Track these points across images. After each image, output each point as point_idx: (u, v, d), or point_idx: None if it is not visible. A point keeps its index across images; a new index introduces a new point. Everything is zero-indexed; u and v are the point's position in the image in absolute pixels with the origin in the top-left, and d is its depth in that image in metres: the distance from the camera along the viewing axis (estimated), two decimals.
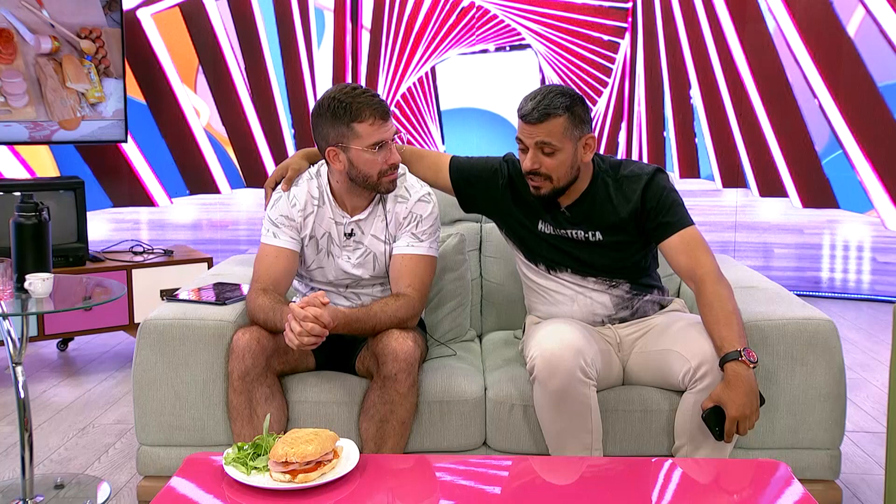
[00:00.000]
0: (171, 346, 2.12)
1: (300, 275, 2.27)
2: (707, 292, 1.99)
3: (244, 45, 4.67)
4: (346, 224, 2.16)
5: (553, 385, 1.92)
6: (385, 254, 2.18)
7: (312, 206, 2.16)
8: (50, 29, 3.74)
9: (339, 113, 2.01)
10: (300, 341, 1.89)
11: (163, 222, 4.76)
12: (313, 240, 2.18)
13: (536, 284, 2.24)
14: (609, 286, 2.18)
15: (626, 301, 2.19)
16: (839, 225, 4.76)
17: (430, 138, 4.91)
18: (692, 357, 1.96)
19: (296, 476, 1.57)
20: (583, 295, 2.18)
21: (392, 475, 1.67)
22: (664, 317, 2.19)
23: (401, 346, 1.99)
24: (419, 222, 2.15)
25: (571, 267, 2.17)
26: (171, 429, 2.14)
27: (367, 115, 2.00)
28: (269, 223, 2.17)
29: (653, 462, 1.75)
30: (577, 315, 2.18)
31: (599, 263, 2.15)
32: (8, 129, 3.70)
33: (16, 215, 2.23)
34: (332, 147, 2.05)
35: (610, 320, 2.19)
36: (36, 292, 2.18)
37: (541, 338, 1.98)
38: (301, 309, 1.90)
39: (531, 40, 4.81)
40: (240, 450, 1.66)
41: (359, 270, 2.19)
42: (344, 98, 2.01)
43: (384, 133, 2.03)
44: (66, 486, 2.44)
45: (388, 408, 2.03)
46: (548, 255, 2.19)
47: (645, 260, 2.21)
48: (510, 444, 2.13)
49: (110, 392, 3.28)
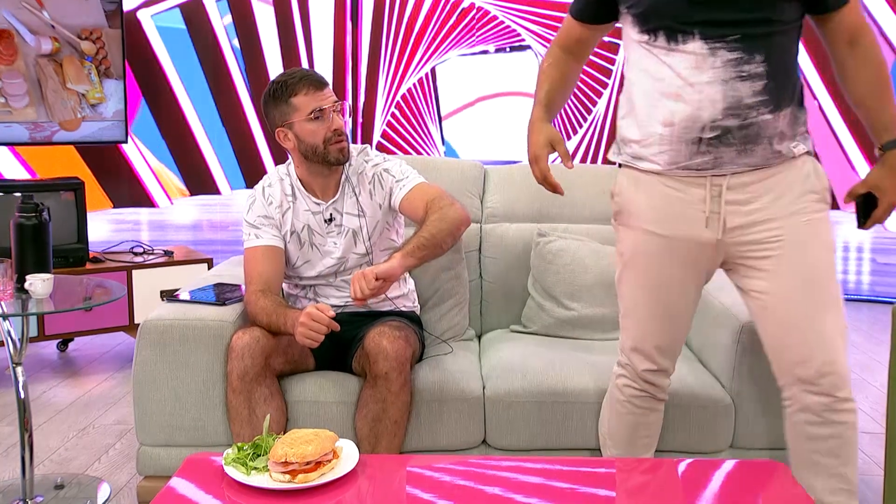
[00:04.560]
0: (171, 347, 2.12)
1: (287, 275, 2.29)
2: (863, 46, 1.69)
3: (244, 45, 4.67)
4: (323, 210, 2.22)
5: (635, 405, 1.92)
6: (363, 227, 2.21)
7: (288, 203, 2.23)
8: (50, 30, 3.74)
9: (278, 93, 2.15)
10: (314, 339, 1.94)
11: (163, 223, 4.76)
12: (294, 235, 2.22)
13: (643, 74, 1.74)
14: (738, 60, 1.63)
15: (749, 97, 1.65)
16: (839, 226, 4.76)
17: (430, 140, 4.91)
18: (819, 361, 1.68)
19: (295, 476, 1.57)
20: (694, 87, 1.66)
21: (392, 475, 1.67)
22: (794, 230, 1.70)
23: (392, 345, 2.00)
24: (387, 171, 2.23)
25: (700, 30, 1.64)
26: (170, 429, 2.15)
27: (300, 87, 2.12)
28: (249, 227, 2.23)
29: (652, 462, 1.76)
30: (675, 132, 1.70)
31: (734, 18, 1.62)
32: (9, 129, 3.70)
33: (16, 216, 2.23)
34: (279, 128, 2.17)
35: (711, 128, 1.66)
36: (36, 293, 2.18)
37: (637, 341, 1.86)
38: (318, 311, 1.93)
39: (531, 41, 4.81)
40: (239, 450, 1.66)
41: (344, 252, 2.22)
42: (280, 79, 2.15)
43: (320, 100, 2.13)
44: (67, 487, 2.44)
45: (380, 406, 2.03)
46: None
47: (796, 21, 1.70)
48: (510, 442, 2.13)
49: (110, 392, 3.28)
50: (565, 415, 2.12)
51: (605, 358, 2.27)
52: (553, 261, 2.52)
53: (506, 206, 2.69)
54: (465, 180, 2.69)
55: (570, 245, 2.54)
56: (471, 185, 2.70)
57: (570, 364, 2.21)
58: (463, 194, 2.63)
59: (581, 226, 2.66)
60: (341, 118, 2.16)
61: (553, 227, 2.63)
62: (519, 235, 2.64)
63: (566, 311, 2.48)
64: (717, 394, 2.12)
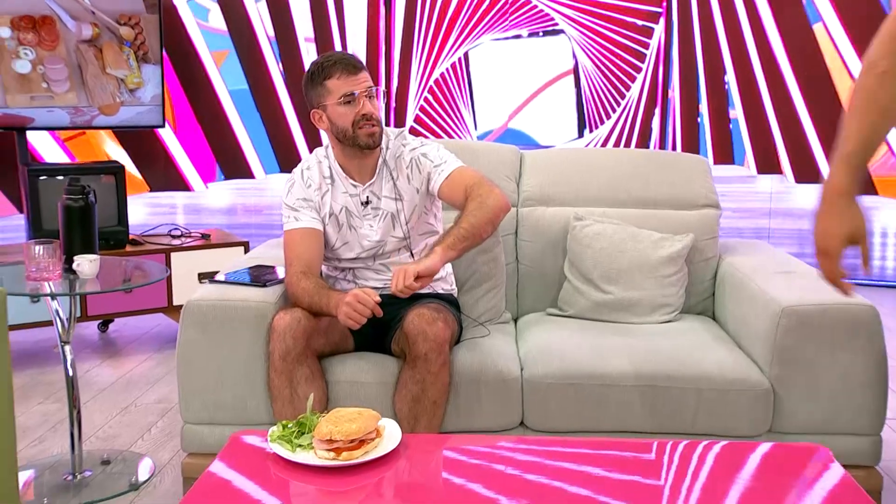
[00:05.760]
0: (213, 327, 2.16)
1: (326, 257, 2.31)
2: None
3: (278, 30, 4.70)
4: (360, 193, 2.24)
5: None
6: (400, 211, 2.24)
7: (326, 185, 2.26)
8: (91, 16, 3.80)
9: (315, 76, 2.19)
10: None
11: (198, 207, 4.82)
12: (333, 217, 2.25)
13: None
14: None
15: None
16: (876, 211, 4.70)
17: (463, 124, 4.91)
18: None
19: (340, 454, 1.60)
20: None
21: (434, 455, 1.70)
22: None
23: (431, 327, 2.02)
24: (424, 156, 2.24)
25: None
26: (213, 407, 2.19)
27: (335, 70, 2.16)
28: (288, 210, 2.26)
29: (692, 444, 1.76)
30: None
31: None
32: (50, 114, 3.76)
33: (64, 198, 2.28)
34: (314, 110, 2.22)
35: None
36: (84, 273, 2.23)
37: None
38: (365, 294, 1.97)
39: (565, 25, 4.78)
40: (284, 428, 1.69)
41: (382, 236, 2.25)
42: (317, 62, 2.20)
43: (352, 85, 2.15)
44: (112, 463, 2.50)
45: (419, 387, 2.06)
46: None
47: None
48: (547, 424, 2.15)
49: (151, 372, 3.35)
50: (603, 397, 2.12)
51: (643, 341, 2.28)
52: (590, 244, 2.52)
53: (542, 190, 2.69)
54: (501, 164, 2.70)
55: (606, 229, 2.55)
56: (507, 169, 2.71)
57: (607, 347, 2.22)
58: (500, 178, 2.63)
59: (617, 210, 2.66)
60: (374, 103, 2.18)
61: (589, 212, 2.63)
62: (555, 219, 2.65)
63: (603, 294, 2.48)
64: (755, 378, 2.11)
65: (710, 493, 1.52)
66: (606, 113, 4.85)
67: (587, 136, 4.86)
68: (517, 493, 1.51)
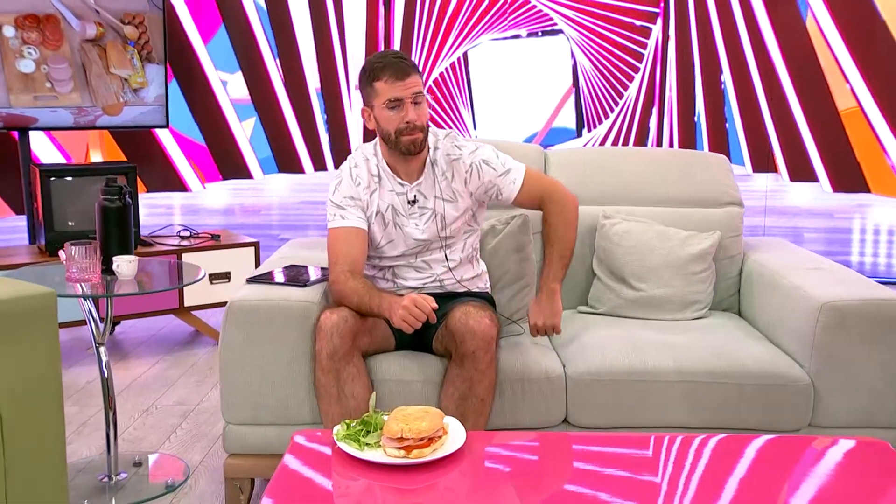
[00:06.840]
0: (256, 327, 2.15)
1: (369, 255, 2.31)
2: None
3: (276, 29, 4.67)
4: (407, 192, 2.25)
5: None
6: (448, 211, 2.25)
7: (374, 184, 2.25)
8: (95, 15, 3.75)
9: (367, 75, 2.19)
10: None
11: (195, 207, 4.77)
12: (379, 215, 2.25)
13: None
14: None
15: None
16: (869, 209, 4.80)
17: (462, 124, 4.93)
18: None
19: (410, 452, 1.61)
20: None
21: (503, 451, 1.71)
22: None
23: (478, 324, 2.04)
24: (485, 163, 2.26)
25: None
26: (256, 408, 2.18)
27: (383, 73, 2.15)
28: (334, 207, 2.23)
29: (747, 437, 1.79)
30: None
31: None
32: (54, 114, 3.71)
33: (101, 199, 2.26)
34: (364, 108, 2.24)
35: None
36: (122, 274, 2.21)
37: None
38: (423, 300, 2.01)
39: (563, 25, 4.82)
40: (349, 427, 1.70)
41: (427, 234, 2.26)
42: (369, 60, 2.21)
43: (399, 90, 2.14)
44: (144, 465, 2.48)
45: (467, 385, 2.07)
46: None
47: None
48: (590, 420, 2.17)
49: (164, 374, 3.32)
50: (645, 393, 2.15)
51: (680, 337, 2.31)
52: (619, 242, 2.55)
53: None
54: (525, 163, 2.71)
55: (634, 227, 2.58)
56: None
57: (647, 343, 2.25)
58: None
59: (643, 208, 2.69)
60: (420, 109, 2.16)
61: (617, 210, 2.66)
62: (582, 218, 2.62)
63: (635, 291, 2.51)
64: (795, 373, 2.15)
65: (788, 487, 1.55)
66: (605, 112, 4.90)
67: (585, 136, 4.91)
68: (597, 487, 1.53)
